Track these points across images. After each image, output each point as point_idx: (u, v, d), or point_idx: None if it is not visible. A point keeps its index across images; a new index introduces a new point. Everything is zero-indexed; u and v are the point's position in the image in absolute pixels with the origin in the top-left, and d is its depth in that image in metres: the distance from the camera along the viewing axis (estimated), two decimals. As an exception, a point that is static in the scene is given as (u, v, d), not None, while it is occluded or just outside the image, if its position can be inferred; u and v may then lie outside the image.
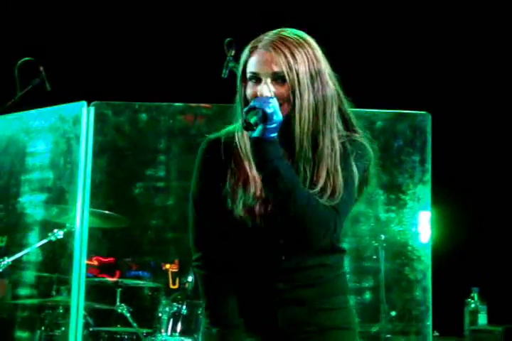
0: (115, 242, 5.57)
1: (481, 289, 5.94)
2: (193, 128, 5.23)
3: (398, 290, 4.97)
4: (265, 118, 2.11)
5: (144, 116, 5.37)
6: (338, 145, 2.22)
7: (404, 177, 4.87)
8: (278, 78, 2.19)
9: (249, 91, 2.22)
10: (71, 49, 6.33)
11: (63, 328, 4.90)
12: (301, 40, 2.22)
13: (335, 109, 2.24)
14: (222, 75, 4.31)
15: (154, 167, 5.62)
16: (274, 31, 2.25)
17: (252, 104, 2.14)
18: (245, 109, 2.13)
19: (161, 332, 4.98)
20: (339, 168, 2.21)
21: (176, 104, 5.25)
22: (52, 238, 4.71)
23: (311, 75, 2.20)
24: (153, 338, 4.98)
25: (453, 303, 5.91)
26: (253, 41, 2.25)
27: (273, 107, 2.13)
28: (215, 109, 5.08)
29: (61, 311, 5.02)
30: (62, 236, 4.71)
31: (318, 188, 2.18)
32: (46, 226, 4.94)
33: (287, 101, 2.18)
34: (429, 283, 4.77)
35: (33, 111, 5.01)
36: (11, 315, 5.27)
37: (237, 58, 4.30)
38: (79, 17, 6.47)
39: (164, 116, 5.35)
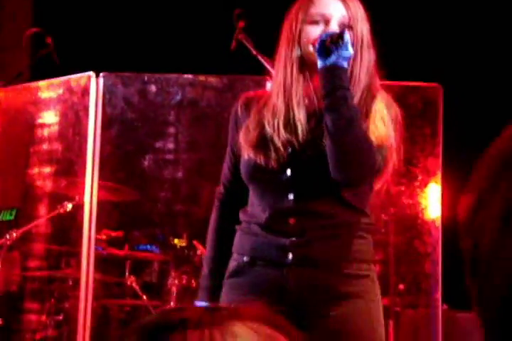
0: (124, 215, 5.56)
1: (490, 262, 5.92)
2: (203, 100, 5.20)
3: (407, 264, 4.96)
4: (341, 44, 2.10)
5: (153, 87, 5.33)
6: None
7: (415, 150, 4.83)
8: (344, 23, 2.20)
9: (312, 33, 2.20)
10: (79, 19, 6.28)
11: (72, 300, 4.90)
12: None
13: None
14: (231, 47, 4.26)
15: (163, 139, 5.60)
16: None
17: (332, 32, 2.14)
18: (327, 34, 2.12)
19: (170, 305, 4.98)
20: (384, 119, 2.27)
21: (185, 75, 5.21)
22: (61, 210, 4.70)
23: (368, 30, 2.26)
24: (162, 310, 4.99)
25: (463, 276, 5.90)
26: None
27: (348, 38, 2.13)
28: (224, 81, 5.03)
29: (70, 283, 5.03)
30: (71, 209, 4.70)
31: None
32: (55, 199, 4.93)
33: None
34: (438, 256, 4.75)
35: (41, 83, 4.99)
36: (21, 287, 5.28)
37: (246, 30, 4.27)
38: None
39: (173, 87, 5.31)
